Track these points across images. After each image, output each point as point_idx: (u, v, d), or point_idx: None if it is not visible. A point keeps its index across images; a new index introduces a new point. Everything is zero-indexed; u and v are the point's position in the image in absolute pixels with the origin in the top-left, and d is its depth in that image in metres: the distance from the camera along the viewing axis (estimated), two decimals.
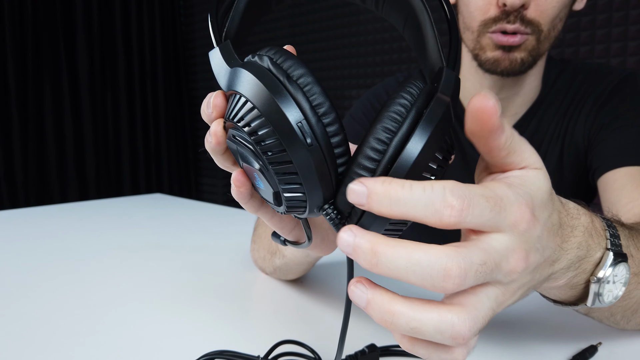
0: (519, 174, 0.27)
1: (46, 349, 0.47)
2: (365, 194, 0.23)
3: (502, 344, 0.46)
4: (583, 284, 0.34)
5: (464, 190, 0.23)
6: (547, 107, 0.75)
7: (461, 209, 0.23)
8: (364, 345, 0.43)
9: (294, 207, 0.28)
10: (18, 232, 0.97)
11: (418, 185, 0.23)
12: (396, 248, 0.23)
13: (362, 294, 0.24)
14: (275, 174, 0.26)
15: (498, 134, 0.25)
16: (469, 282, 0.23)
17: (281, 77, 0.26)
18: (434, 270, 0.22)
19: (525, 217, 0.25)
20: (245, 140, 0.27)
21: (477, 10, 0.66)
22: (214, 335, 0.49)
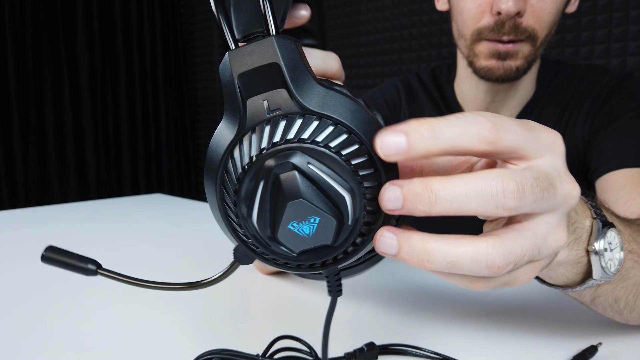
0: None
1: (46, 349, 0.47)
2: (404, 138, 0.23)
3: (502, 344, 0.46)
4: (584, 256, 0.34)
5: (489, 112, 0.24)
6: (542, 108, 0.75)
7: (495, 125, 0.23)
8: (362, 344, 0.43)
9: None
10: (18, 232, 0.97)
11: (450, 116, 0.23)
12: (450, 180, 0.23)
13: (391, 241, 0.24)
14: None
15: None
16: (528, 196, 0.23)
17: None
18: (493, 189, 0.23)
19: (558, 137, 0.26)
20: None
21: (471, 19, 0.66)
22: (213, 334, 0.49)
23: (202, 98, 2.98)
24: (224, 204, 0.25)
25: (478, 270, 0.24)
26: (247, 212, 0.24)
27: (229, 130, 0.24)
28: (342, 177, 0.23)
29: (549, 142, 0.25)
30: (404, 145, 0.23)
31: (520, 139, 0.24)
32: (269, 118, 0.23)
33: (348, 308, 0.55)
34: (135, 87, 2.76)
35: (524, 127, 0.24)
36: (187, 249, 0.84)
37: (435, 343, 0.46)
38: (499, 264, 0.24)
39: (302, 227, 0.24)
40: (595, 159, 0.68)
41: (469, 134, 0.23)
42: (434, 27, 1.96)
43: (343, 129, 0.23)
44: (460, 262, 0.24)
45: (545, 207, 0.25)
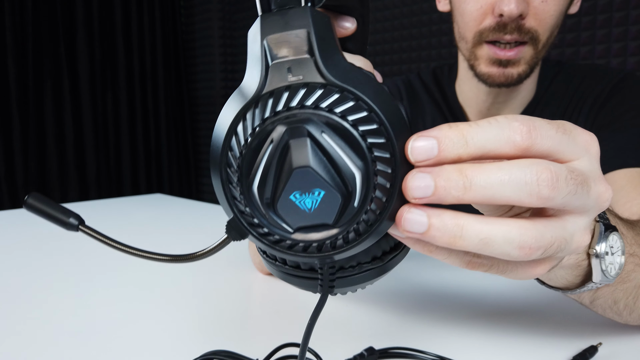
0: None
1: (45, 349, 0.47)
2: (435, 144, 0.22)
3: (503, 343, 0.46)
4: (585, 259, 0.34)
5: (525, 116, 0.24)
6: (543, 108, 0.75)
7: (529, 130, 0.23)
8: (362, 349, 0.43)
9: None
10: (18, 232, 0.97)
11: (482, 121, 0.23)
12: (484, 166, 0.23)
13: (420, 218, 0.23)
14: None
15: None
16: (562, 186, 0.23)
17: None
18: (528, 177, 0.22)
19: (594, 141, 0.26)
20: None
21: (472, 21, 0.65)
22: (213, 335, 0.49)
23: (202, 98, 2.98)
24: (226, 168, 0.23)
25: (510, 250, 0.23)
26: (249, 175, 0.23)
27: (247, 92, 0.23)
28: (355, 154, 0.22)
29: (585, 144, 0.25)
30: (435, 150, 0.23)
31: (555, 143, 0.24)
32: (289, 84, 0.23)
33: (345, 311, 0.55)
34: (135, 87, 2.76)
35: (560, 130, 0.24)
36: (187, 249, 0.84)
37: (436, 345, 0.46)
38: (530, 245, 0.23)
39: (304, 200, 0.22)
40: None
41: (501, 140, 0.23)
42: (434, 27, 1.96)
43: (363, 105, 0.22)
44: (494, 240, 0.23)
45: (577, 204, 0.24)
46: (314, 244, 0.23)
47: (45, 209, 0.27)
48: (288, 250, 0.24)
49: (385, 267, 0.28)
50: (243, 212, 0.24)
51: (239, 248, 0.81)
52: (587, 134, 0.26)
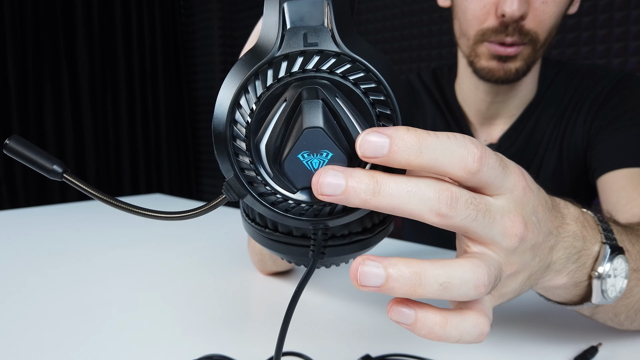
0: None
1: (45, 349, 0.47)
2: (388, 143, 0.22)
3: (503, 345, 0.46)
4: (586, 280, 0.34)
5: (478, 141, 0.24)
6: (543, 109, 0.75)
7: (481, 157, 0.23)
8: (358, 356, 0.43)
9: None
10: (18, 232, 0.97)
11: (441, 133, 0.23)
12: (396, 176, 0.23)
13: (376, 270, 0.22)
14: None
15: None
16: (460, 207, 0.23)
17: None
18: (431, 192, 0.22)
19: (521, 183, 0.26)
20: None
21: (475, 20, 0.66)
22: (211, 336, 0.49)
23: (202, 98, 2.98)
24: (232, 124, 0.23)
25: (467, 290, 0.23)
26: (258, 132, 0.23)
27: (261, 53, 0.24)
28: (364, 120, 0.23)
29: (512, 184, 0.25)
30: (385, 149, 0.22)
31: (494, 177, 0.24)
32: (304, 49, 0.23)
33: (342, 318, 0.55)
34: (135, 87, 2.76)
35: (501, 164, 0.25)
36: (187, 249, 0.84)
37: (434, 349, 0.45)
38: (484, 282, 0.24)
39: (312, 160, 0.23)
40: (596, 159, 0.68)
41: (454, 158, 0.23)
42: (434, 27, 1.95)
43: (373, 77, 0.23)
44: (452, 282, 0.23)
45: (481, 233, 0.25)
46: (314, 206, 0.24)
47: (27, 154, 0.26)
48: (285, 212, 0.24)
49: (374, 240, 0.28)
50: (245, 169, 0.24)
51: (239, 249, 0.81)
52: (517, 174, 0.26)
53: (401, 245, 0.85)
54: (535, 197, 0.27)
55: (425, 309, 0.24)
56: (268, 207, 0.24)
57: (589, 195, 0.75)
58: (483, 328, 0.25)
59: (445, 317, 0.24)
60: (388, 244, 0.84)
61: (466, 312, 0.25)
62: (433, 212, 0.23)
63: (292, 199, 0.24)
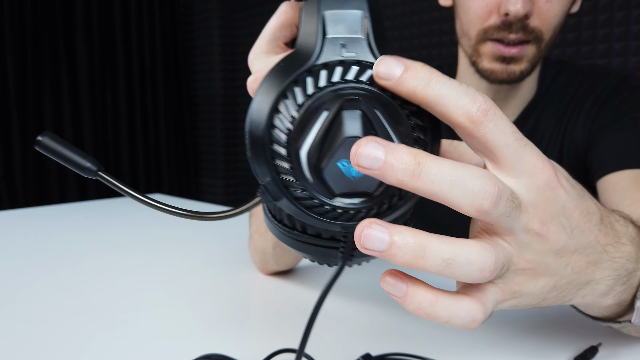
0: None
1: (45, 349, 0.46)
2: (400, 69, 0.23)
3: (503, 345, 0.46)
4: (630, 299, 0.33)
5: (492, 102, 0.23)
6: (544, 108, 0.75)
7: (486, 110, 0.23)
8: (358, 355, 0.43)
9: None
10: (17, 233, 0.97)
11: (455, 81, 0.23)
12: (441, 160, 0.22)
13: (382, 235, 0.22)
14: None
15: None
16: (501, 206, 0.23)
17: None
18: (477, 186, 0.22)
19: (545, 172, 0.24)
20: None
21: (477, 19, 0.65)
22: (211, 336, 0.49)
23: (202, 98, 2.98)
24: (270, 128, 0.24)
25: (471, 271, 0.23)
26: (299, 139, 0.23)
27: (299, 61, 0.24)
28: (400, 131, 0.24)
29: (531, 167, 0.24)
30: (397, 73, 0.22)
31: (502, 142, 0.23)
32: (343, 59, 0.24)
33: (342, 316, 0.55)
34: (134, 87, 2.75)
35: (516, 137, 0.24)
36: (186, 250, 0.84)
37: (434, 349, 0.45)
38: (490, 267, 0.23)
39: (350, 168, 0.23)
40: (597, 160, 0.68)
41: (458, 103, 0.23)
42: (434, 26, 1.95)
43: None
44: (457, 261, 0.23)
45: (506, 226, 0.24)
46: (350, 211, 0.24)
47: (62, 151, 0.25)
48: (320, 216, 0.24)
49: None
50: (282, 173, 0.24)
51: (239, 249, 0.81)
52: (540, 160, 0.25)
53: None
54: (569, 198, 0.26)
55: (417, 284, 0.24)
56: (304, 210, 0.24)
57: None
58: (475, 315, 0.24)
59: (436, 296, 0.24)
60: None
61: (462, 296, 0.25)
62: (474, 205, 0.22)
63: (329, 204, 0.24)
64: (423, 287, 0.24)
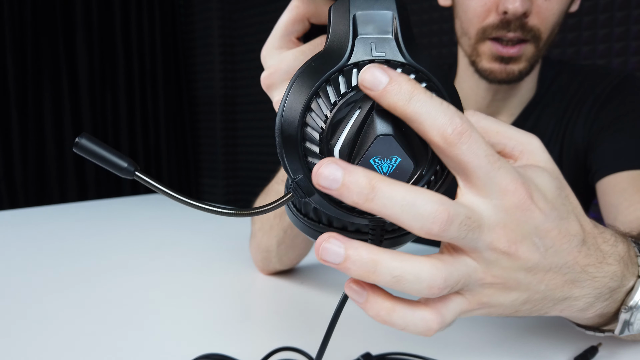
0: (525, 166, 0.28)
1: (45, 349, 0.46)
2: (386, 80, 0.23)
3: (503, 345, 0.46)
4: (613, 312, 0.33)
5: (470, 122, 0.24)
6: (544, 108, 0.75)
7: (461, 132, 0.23)
8: (358, 354, 0.43)
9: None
10: (17, 233, 0.97)
11: (436, 98, 0.23)
12: (394, 187, 0.23)
13: (338, 249, 0.24)
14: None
15: None
16: (453, 230, 0.23)
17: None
18: (426, 211, 0.23)
19: (517, 195, 0.25)
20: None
21: (476, 17, 0.65)
22: (211, 336, 0.49)
23: (202, 98, 2.98)
24: (303, 127, 0.25)
25: (420, 288, 0.24)
26: (333, 136, 0.24)
27: (330, 61, 0.25)
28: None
29: (502, 189, 0.25)
30: (381, 84, 0.23)
31: (475, 163, 0.24)
32: (374, 59, 0.25)
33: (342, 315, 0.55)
34: (134, 87, 2.75)
35: (490, 160, 0.24)
36: (187, 250, 0.84)
37: (434, 349, 0.45)
38: (439, 285, 0.24)
39: (382, 164, 0.24)
40: (597, 161, 0.68)
41: (435, 122, 0.23)
42: (434, 26, 1.95)
43: (434, 87, 0.25)
44: (406, 277, 0.24)
45: (467, 246, 0.25)
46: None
47: (100, 152, 0.27)
48: (351, 210, 0.25)
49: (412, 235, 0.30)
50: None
51: (239, 249, 0.81)
52: (513, 183, 0.25)
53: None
54: (545, 219, 0.26)
55: (377, 292, 0.25)
56: (335, 206, 0.26)
57: (589, 195, 0.75)
58: (430, 324, 0.25)
59: (393, 305, 0.25)
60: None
61: (419, 305, 0.26)
62: (424, 229, 0.23)
63: None
64: (382, 296, 0.25)
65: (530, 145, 0.29)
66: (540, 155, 0.29)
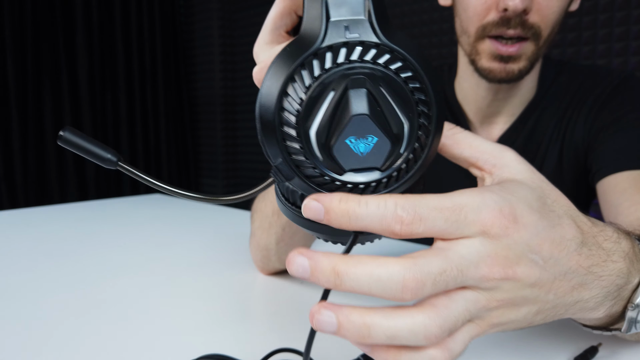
0: (501, 181, 0.28)
1: (45, 349, 0.46)
2: (322, 210, 0.24)
3: (503, 345, 0.46)
4: (621, 310, 0.33)
5: (414, 205, 0.24)
6: (544, 108, 0.74)
7: (410, 223, 0.24)
8: (358, 354, 0.43)
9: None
10: (17, 233, 0.97)
11: (373, 201, 0.24)
12: (357, 267, 0.24)
13: (329, 319, 0.24)
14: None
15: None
16: (427, 291, 0.24)
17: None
18: (393, 283, 0.23)
19: (497, 222, 0.25)
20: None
21: (476, 15, 0.65)
22: (211, 336, 0.49)
23: (202, 98, 2.98)
24: (280, 111, 0.25)
25: (417, 341, 0.24)
26: (308, 119, 0.24)
27: (304, 45, 0.25)
28: (405, 107, 0.25)
29: (482, 227, 0.25)
30: (321, 215, 0.25)
31: (440, 231, 0.24)
32: (347, 40, 0.25)
33: None
34: (134, 87, 2.75)
35: (451, 219, 0.24)
36: (186, 250, 0.84)
37: None
38: (435, 334, 0.24)
39: (358, 144, 0.24)
40: (597, 161, 0.67)
41: (383, 225, 0.24)
42: (434, 26, 1.95)
43: (410, 65, 0.25)
44: (400, 334, 0.24)
45: (461, 285, 0.25)
46: (360, 185, 0.25)
47: (83, 144, 0.27)
48: (331, 192, 0.26)
49: None
50: (293, 154, 0.25)
51: (239, 249, 0.81)
52: (493, 217, 0.25)
53: (401, 245, 0.85)
54: (534, 233, 0.26)
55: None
56: (315, 188, 0.26)
57: (589, 196, 0.75)
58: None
59: (399, 350, 0.25)
60: (387, 244, 0.83)
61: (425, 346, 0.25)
62: (397, 299, 0.23)
63: (340, 180, 0.25)
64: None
65: (503, 159, 0.29)
66: (515, 168, 0.29)
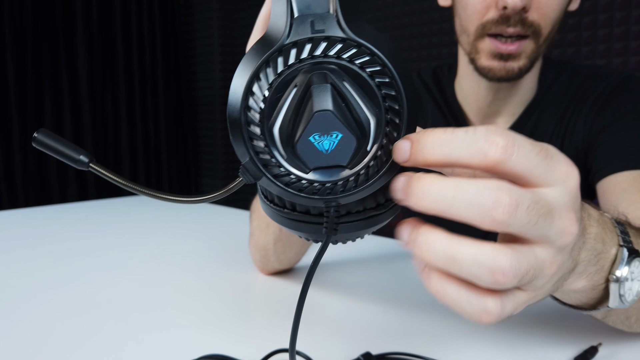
0: None
1: (45, 349, 0.46)
2: (408, 146, 0.23)
3: (503, 345, 0.46)
4: (603, 283, 0.34)
5: (508, 132, 0.23)
6: (545, 108, 0.74)
7: (505, 146, 0.22)
8: (358, 354, 0.43)
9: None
10: (17, 233, 0.97)
11: (459, 129, 0.23)
12: (442, 180, 0.23)
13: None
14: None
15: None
16: (521, 215, 0.22)
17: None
18: (484, 198, 0.22)
19: (574, 174, 0.25)
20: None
21: (476, 14, 0.65)
22: (211, 336, 0.49)
23: (202, 98, 2.98)
24: (246, 111, 0.25)
25: (480, 273, 0.23)
26: (271, 117, 0.24)
27: (270, 42, 0.25)
28: (371, 102, 0.24)
29: (563, 174, 0.24)
30: (406, 152, 0.23)
31: (530, 167, 0.23)
32: (312, 36, 0.24)
33: (342, 315, 0.55)
34: (134, 87, 2.75)
35: (542, 154, 0.24)
36: (186, 249, 0.84)
37: (435, 349, 0.45)
38: (504, 270, 0.22)
39: (322, 142, 0.24)
40: (597, 161, 0.68)
41: (472, 151, 0.22)
42: (434, 26, 1.95)
43: (378, 60, 0.24)
44: (461, 259, 0.23)
45: (537, 234, 0.24)
46: (327, 184, 0.25)
47: (55, 145, 0.27)
48: (299, 191, 0.25)
49: (386, 215, 0.29)
50: (260, 152, 0.25)
51: (239, 249, 0.81)
52: (568, 165, 0.25)
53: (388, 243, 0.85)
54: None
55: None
56: (282, 187, 0.25)
57: (589, 196, 0.75)
58: (490, 309, 0.24)
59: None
60: (387, 244, 0.83)
61: (481, 289, 0.24)
62: (487, 218, 0.22)
63: (305, 179, 0.25)
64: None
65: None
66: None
